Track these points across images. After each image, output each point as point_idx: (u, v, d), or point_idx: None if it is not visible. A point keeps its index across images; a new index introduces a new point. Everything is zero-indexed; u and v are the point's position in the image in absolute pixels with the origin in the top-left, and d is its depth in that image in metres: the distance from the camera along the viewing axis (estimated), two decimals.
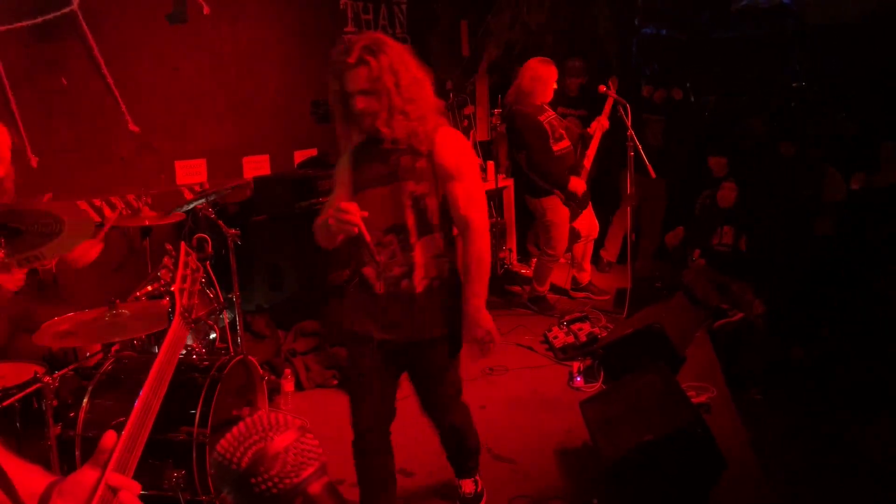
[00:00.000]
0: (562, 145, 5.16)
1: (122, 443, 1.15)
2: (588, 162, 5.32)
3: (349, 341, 2.70)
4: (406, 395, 4.17)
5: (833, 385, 4.36)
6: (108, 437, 1.15)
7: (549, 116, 5.19)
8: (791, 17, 11.93)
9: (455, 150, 2.48)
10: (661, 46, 10.88)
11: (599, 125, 5.35)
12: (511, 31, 6.90)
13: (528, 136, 5.11)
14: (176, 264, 1.39)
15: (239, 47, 5.09)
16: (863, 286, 5.06)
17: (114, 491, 1.09)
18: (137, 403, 1.20)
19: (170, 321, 1.34)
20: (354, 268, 2.58)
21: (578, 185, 5.23)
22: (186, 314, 1.37)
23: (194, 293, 1.41)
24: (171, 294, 1.37)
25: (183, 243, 1.43)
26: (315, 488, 0.79)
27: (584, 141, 5.34)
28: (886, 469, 3.46)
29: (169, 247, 1.44)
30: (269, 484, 0.77)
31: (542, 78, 5.09)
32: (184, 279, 1.39)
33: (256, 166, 5.22)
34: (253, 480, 0.77)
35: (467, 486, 3.08)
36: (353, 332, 2.62)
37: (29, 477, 1.21)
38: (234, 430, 0.80)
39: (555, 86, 5.20)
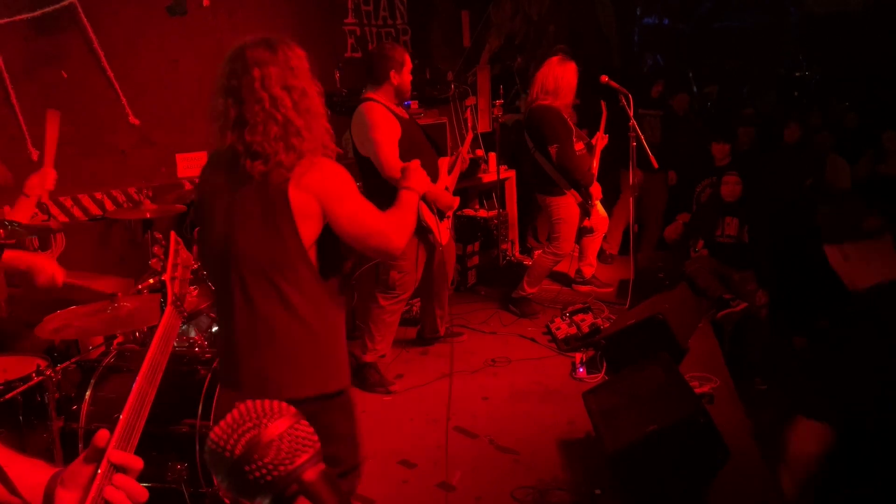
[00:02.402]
0: (580, 146, 5.14)
1: (117, 433, 1.15)
2: (594, 171, 5.30)
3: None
4: (408, 388, 4.20)
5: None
6: (101, 436, 1.15)
7: (569, 116, 5.16)
8: (793, 6, 11.89)
9: None
10: (663, 36, 10.84)
11: (600, 139, 5.32)
12: (512, 21, 6.88)
13: (561, 131, 5.03)
14: (166, 253, 1.38)
15: (239, 39, 5.07)
16: None
17: (115, 469, 1.10)
18: (132, 393, 1.21)
19: (162, 310, 1.33)
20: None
21: (597, 190, 5.20)
22: (178, 303, 1.36)
23: (185, 282, 1.40)
24: (163, 283, 1.36)
25: (173, 233, 1.42)
26: (310, 475, 0.79)
27: (589, 149, 5.32)
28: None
29: (158, 236, 1.43)
30: (263, 471, 0.76)
31: (566, 77, 5.03)
32: (175, 268, 1.38)
33: None
34: (247, 468, 0.76)
35: None
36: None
37: (31, 470, 1.22)
38: (228, 417, 0.79)
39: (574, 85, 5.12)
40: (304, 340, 2.13)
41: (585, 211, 5.25)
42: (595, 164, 5.30)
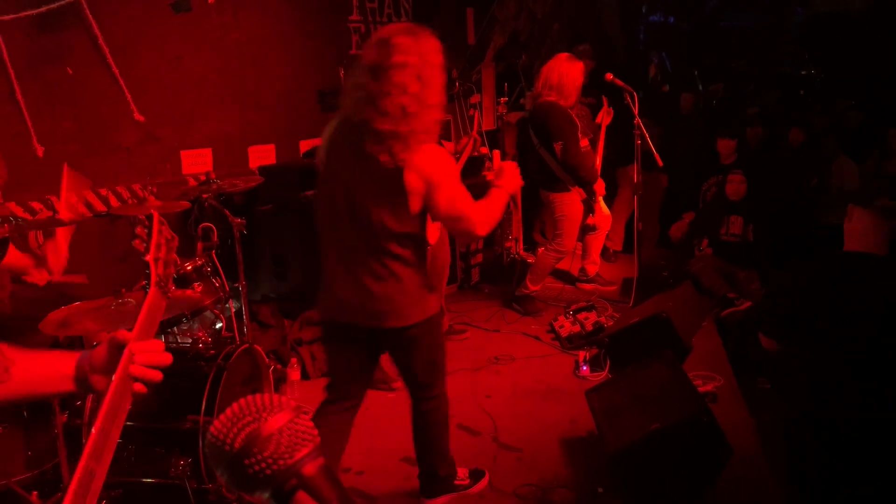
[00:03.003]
0: (584, 142, 5.11)
1: (99, 420, 1.21)
2: (598, 164, 5.27)
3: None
4: None
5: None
6: (122, 333, 1.28)
7: (574, 112, 5.12)
8: (799, 6, 11.86)
9: None
10: (668, 35, 10.82)
11: (605, 114, 5.30)
12: (516, 19, 6.87)
13: (567, 128, 5.01)
14: (149, 234, 1.38)
15: (243, 36, 5.08)
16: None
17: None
18: (115, 377, 1.22)
19: (146, 291, 1.34)
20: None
21: (601, 186, 5.18)
22: (162, 283, 1.36)
23: (170, 263, 1.40)
24: (146, 264, 1.36)
25: (155, 213, 1.41)
26: (309, 469, 0.79)
27: (593, 142, 5.28)
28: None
29: (141, 216, 1.43)
30: (263, 465, 0.76)
31: (571, 75, 5.00)
32: (158, 248, 1.38)
33: (262, 156, 5.22)
34: (246, 461, 0.76)
35: None
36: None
37: (54, 363, 1.34)
38: (228, 410, 0.79)
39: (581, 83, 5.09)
40: (417, 281, 2.63)
41: (589, 208, 5.23)
42: (598, 158, 5.27)
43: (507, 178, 2.73)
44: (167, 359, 1.28)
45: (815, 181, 6.10)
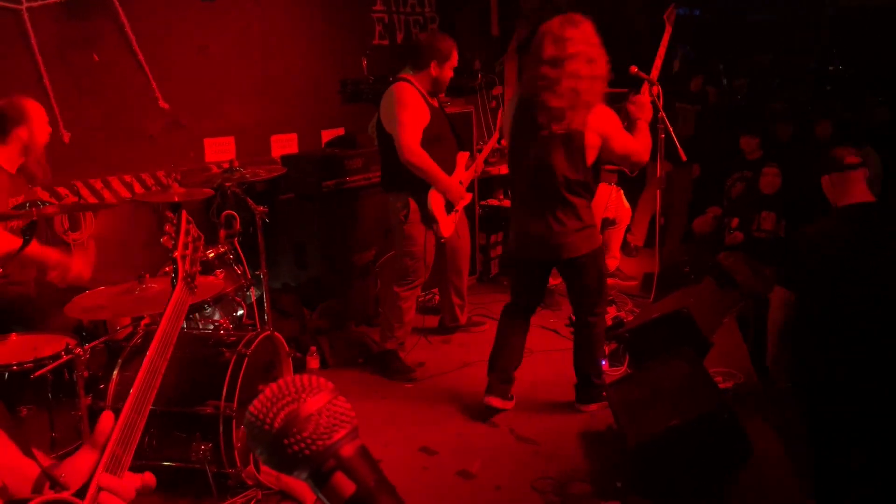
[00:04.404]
0: None
1: (127, 406, 1.18)
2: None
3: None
4: (429, 376, 4.21)
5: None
6: (106, 419, 1.17)
7: None
8: None
9: None
10: (695, 28, 10.70)
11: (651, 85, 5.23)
12: (541, 10, 6.81)
13: None
14: (177, 231, 1.41)
15: (267, 25, 5.09)
16: None
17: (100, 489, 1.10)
18: (143, 367, 1.23)
19: (173, 287, 1.36)
20: None
21: None
22: (189, 279, 1.39)
23: (196, 260, 1.43)
24: (174, 260, 1.39)
25: (184, 211, 1.44)
26: (347, 451, 0.79)
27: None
28: None
29: (170, 214, 1.46)
30: (302, 445, 0.76)
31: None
32: (185, 246, 1.41)
33: (284, 145, 5.24)
34: (286, 441, 0.77)
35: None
36: None
37: (24, 461, 1.24)
38: (267, 391, 0.79)
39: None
40: (588, 219, 3.41)
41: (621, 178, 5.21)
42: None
43: (645, 111, 3.41)
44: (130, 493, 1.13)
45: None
